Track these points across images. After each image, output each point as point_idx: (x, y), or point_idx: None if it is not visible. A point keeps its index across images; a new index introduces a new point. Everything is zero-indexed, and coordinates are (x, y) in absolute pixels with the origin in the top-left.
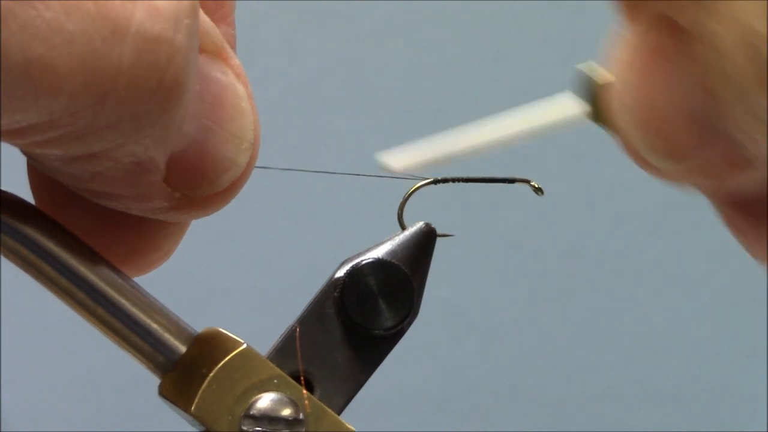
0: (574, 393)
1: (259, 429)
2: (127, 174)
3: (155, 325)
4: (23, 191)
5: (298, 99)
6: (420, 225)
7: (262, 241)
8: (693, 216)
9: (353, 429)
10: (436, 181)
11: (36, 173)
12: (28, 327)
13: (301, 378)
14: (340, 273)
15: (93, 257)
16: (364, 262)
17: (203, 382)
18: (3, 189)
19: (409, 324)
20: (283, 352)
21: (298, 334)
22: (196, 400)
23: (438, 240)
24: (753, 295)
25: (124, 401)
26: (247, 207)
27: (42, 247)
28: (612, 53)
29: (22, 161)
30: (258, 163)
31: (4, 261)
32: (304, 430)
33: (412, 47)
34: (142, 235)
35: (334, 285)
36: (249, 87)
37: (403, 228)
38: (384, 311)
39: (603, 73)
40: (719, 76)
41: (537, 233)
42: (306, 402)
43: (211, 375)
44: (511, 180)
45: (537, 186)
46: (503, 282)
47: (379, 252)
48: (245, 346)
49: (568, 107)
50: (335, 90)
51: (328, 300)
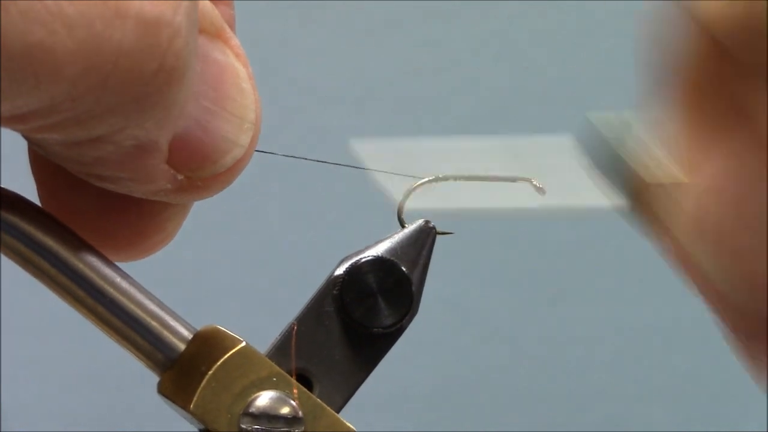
0: (573, 392)
1: (258, 427)
2: (130, 157)
3: (154, 323)
4: (22, 188)
5: (295, 97)
6: (420, 223)
7: (261, 239)
8: None
9: (352, 427)
10: (437, 179)
11: (38, 159)
12: (27, 325)
13: (293, 375)
14: (339, 271)
15: (92, 254)
16: (363, 259)
17: (202, 380)
18: (1, 186)
19: (409, 322)
20: (283, 350)
21: (294, 332)
22: (194, 398)
23: (438, 238)
24: None
25: (123, 399)
26: (247, 204)
27: (41, 245)
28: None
29: (21, 157)
30: (257, 162)
31: (3, 258)
32: (302, 428)
33: (410, 45)
34: (144, 218)
35: (333, 283)
36: (249, 67)
37: (403, 226)
38: (383, 309)
39: (653, 163)
40: None
41: (536, 231)
42: (295, 397)
43: (210, 373)
44: (513, 179)
45: (538, 185)
46: (503, 280)
47: (379, 250)
48: (244, 344)
49: (601, 196)
50: (333, 88)
51: (327, 298)
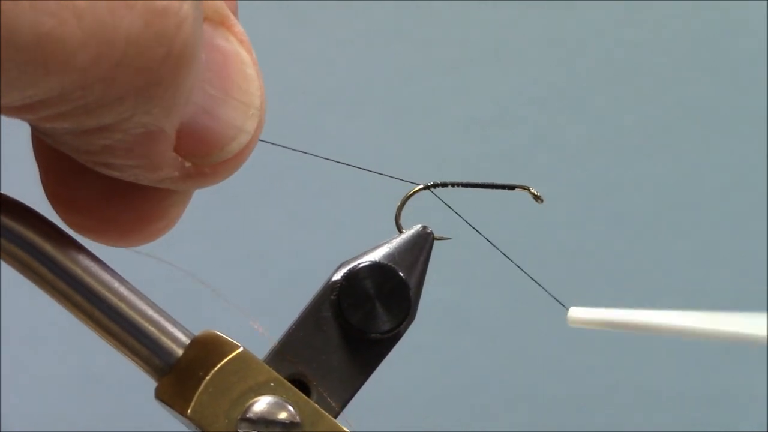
0: (571, 395)
1: None
2: (138, 145)
3: (152, 329)
4: (22, 193)
5: (294, 100)
6: (417, 228)
7: (259, 244)
8: (690, 219)
9: None
10: (435, 186)
11: (42, 147)
12: (27, 329)
13: (283, 376)
14: (337, 276)
15: (91, 260)
16: (361, 265)
17: (200, 385)
18: (1, 192)
19: (406, 327)
20: (280, 355)
21: (286, 334)
22: (192, 403)
23: (435, 243)
24: (751, 298)
25: (120, 404)
26: (245, 210)
27: (39, 250)
28: None
29: (21, 160)
30: (255, 165)
31: (2, 264)
32: None
33: (409, 48)
34: (148, 204)
35: (331, 288)
36: (253, 53)
37: (401, 231)
38: (381, 314)
39: None
40: None
41: (534, 236)
42: (293, 402)
43: (208, 378)
44: (511, 186)
45: (536, 194)
46: (500, 285)
47: (377, 255)
48: (242, 349)
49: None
50: (332, 91)
51: (325, 303)
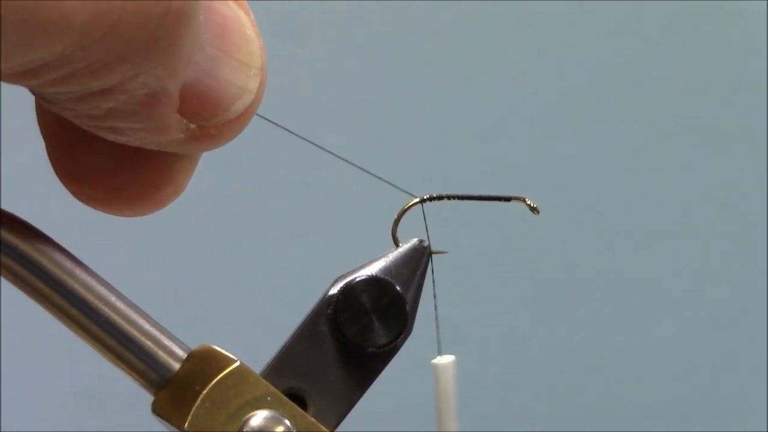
0: (568, 409)
1: None
2: (142, 107)
3: (148, 342)
4: (21, 200)
5: (290, 114)
6: (414, 242)
7: (255, 258)
8: (687, 233)
9: None
10: (431, 199)
11: (47, 119)
12: (24, 343)
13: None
14: (333, 290)
15: (87, 274)
16: (357, 279)
17: (196, 399)
18: None
19: (403, 341)
20: (277, 369)
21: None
22: (189, 417)
23: (433, 257)
24: (749, 312)
25: (117, 419)
26: (241, 223)
27: (35, 264)
28: None
29: (22, 159)
30: (250, 171)
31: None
32: None
33: (405, 62)
34: (155, 171)
35: (327, 302)
36: (251, 15)
37: (397, 245)
38: (377, 328)
39: None
40: None
41: (531, 250)
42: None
43: (205, 392)
44: (507, 198)
45: (533, 205)
46: (497, 299)
47: (373, 269)
48: (238, 363)
49: None
50: (328, 105)
51: (321, 317)
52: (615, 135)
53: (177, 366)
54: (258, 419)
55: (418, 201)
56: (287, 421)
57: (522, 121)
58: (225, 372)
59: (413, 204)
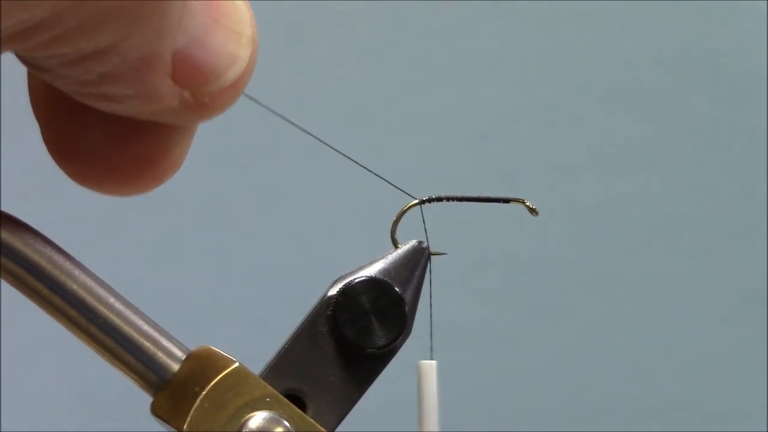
0: (567, 408)
1: None
2: (135, 71)
3: (147, 344)
4: (21, 201)
5: (291, 114)
6: (413, 243)
7: (254, 259)
8: (686, 232)
9: None
10: (430, 200)
11: (40, 98)
12: (23, 344)
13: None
14: (332, 291)
15: (86, 275)
16: (356, 280)
17: (195, 400)
18: None
19: (402, 342)
20: (276, 370)
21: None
22: (188, 418)
23: (432, 258)
24: (748, 311)
25: (116, 420)
26: (240, 224)
27: (34, 265)
28: None
29: (21, 161)
30: (249, 172)
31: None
32: None
33: (405, 63)
34: (150, 144)
35: (326, 303)
36: None
37: (396, 246)
38: (377, 329)
39: None
40: None
41: (530, 250)
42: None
43: (204, 394)
44: (506, 200)
45: (532, 206)
46: (496, 299)
47: (372, 270)
48: (238, 364)
49: None
50: (328, 106)
51: (320, 318)
52: (614, 135)
53: (176, 367)
54: (257, 420)
55: (417, 202)
56: (286, 423)
57: (521, 122)
58: (224, 373)
59: (412, 205)
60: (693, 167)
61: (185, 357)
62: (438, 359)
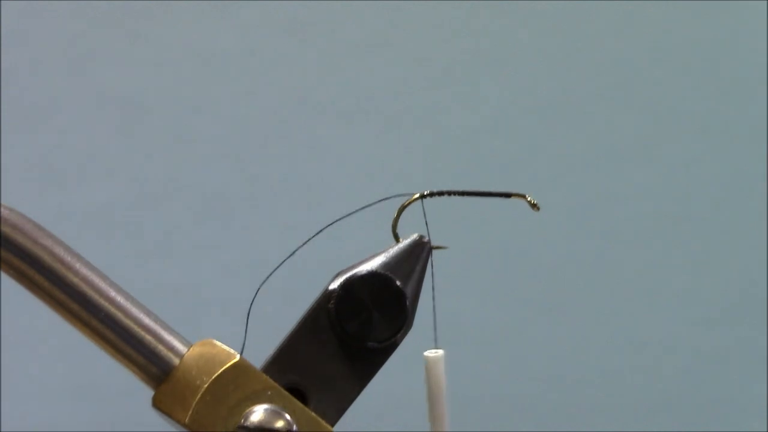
0: (569, 403)
1: None
2: None
3: (149, 337)
4: (21, 196)
5: (290, 109)
6: (414, 237)
7: (256, 252)
8: (687, 228)
9: None
10: (431, 194)
11: None
12: (24, 337)
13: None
14: (334, 285)
15: (88, 269)
16: (358, 274)
17: (197, 393)
18: None
19: (404, 336)
20: (277, 363)
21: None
22: (189, 411)
23: (433, 252)
24: (749, 307)
25: (118, 413)
26: (242, 217)
27: (36, 259)
28: None
29: (19, 166)
30: (249, 170)
31: (0, 272)
32: None
33: (404, 57)
34: None
35: (328, 297)
36: None
37: (398, 240)
38: (378, 323)
39: None
40: None
41: (531, 244)
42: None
43: (205, 387)
44: (508, 194)
45: (533, 201)
46: (497, 294)
47: (373, 264)
48: (239, 357)
49: None
50: (328, 100)
51: (322, 312)
52: (615, 131)
53: (177, 360)
54: (258, 413)
55: (418, 196)
56: (287, 416)
57: (522, 117)
58: (225, 366)
59: (414, 199)
60: (694, 162)
61: (187, 350)
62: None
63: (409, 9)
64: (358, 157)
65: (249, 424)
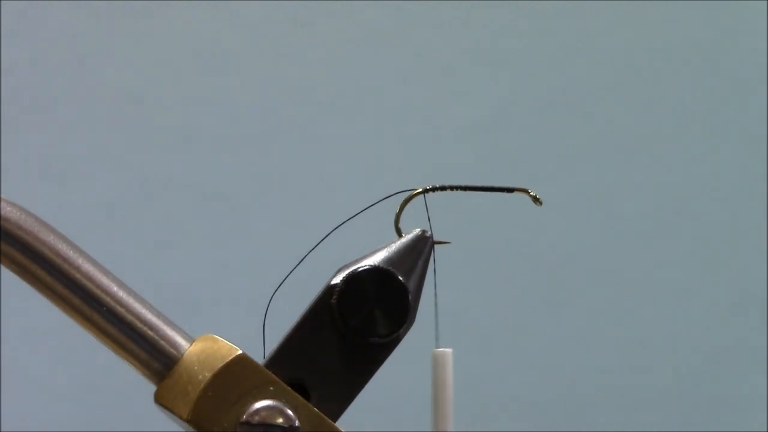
0: (570, 398)
1: None
2: None
3: (151, 332)
4: (23, 191)
5: (292, 104)
6: (416, 232)
7: (258, 248)
8: (688, 222)
9: None
10: (434, 189)
11: None
12: (25, 332)
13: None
14: (336, 280)
15: (90, 263)
16: (360, 269)
17: (199, 388)
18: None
19: (406, 331)
20: (279, 359)
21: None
22: (191, 407)
23: (435, 247)
24: (750, 300)
25: (119, 408)
26: (243, 213)
27: (38, 254)
28: None
29: (20, 160)
30: (250, 166)
31: (1, 267)
32: None
33: (406, 52)
34: None
35: (330, 292)
36: None
37: (400, 235)
38: (380, 318)
39: None
40: None
41: (533, 239)
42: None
43: (207, 382)
44: (510, 189)
45: (535, 196)
46: (500, 288)
47: (376, 259)
48: (241, 352)
49: None
50: (330, 95)
51: (324, 307)
52: (617, 127)
53: (179, 356)
54: (260, 409)
55: (420, 191)
56: (289, 411)
57: (524, 113)
58: (227, 361)
59: (416, 194)
60: (695, 160)
61: (189, 345)
62: (442, 348)
63: (411, 6)
64: (359, 154)
65: (251, 419)
